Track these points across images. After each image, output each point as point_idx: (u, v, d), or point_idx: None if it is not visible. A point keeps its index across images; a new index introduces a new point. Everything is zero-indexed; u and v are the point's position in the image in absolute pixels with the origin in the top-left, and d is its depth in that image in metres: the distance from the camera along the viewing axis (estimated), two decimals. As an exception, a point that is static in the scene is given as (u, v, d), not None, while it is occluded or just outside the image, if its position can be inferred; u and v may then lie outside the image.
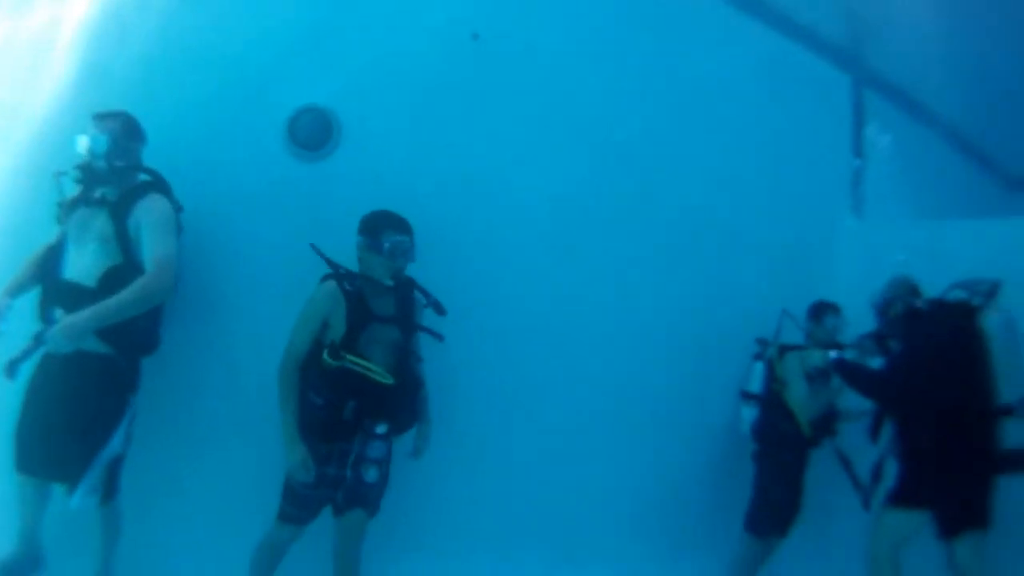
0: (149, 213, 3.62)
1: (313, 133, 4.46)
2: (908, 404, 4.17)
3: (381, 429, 3.83)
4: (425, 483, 4.64)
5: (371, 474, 3.84)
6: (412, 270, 4.05)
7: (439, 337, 4.02)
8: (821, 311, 5.25)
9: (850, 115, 6.59)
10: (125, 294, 3.43)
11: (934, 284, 4.59)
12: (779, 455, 5.14)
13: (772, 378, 5.19)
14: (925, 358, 4.10)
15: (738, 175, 5.60)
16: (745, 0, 5.90)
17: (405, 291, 3.98)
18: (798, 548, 5.34)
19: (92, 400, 3.58)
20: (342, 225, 3.99)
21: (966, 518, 4.06)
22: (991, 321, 4.04)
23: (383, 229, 3.86)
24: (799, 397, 5.03)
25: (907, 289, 4.55)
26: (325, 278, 3.83)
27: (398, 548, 4.55)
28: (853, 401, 4.98)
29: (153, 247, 3.55)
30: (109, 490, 3.73)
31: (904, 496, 4.20)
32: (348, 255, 3.94)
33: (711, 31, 5.71)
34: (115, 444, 3.63)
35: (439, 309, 3.97)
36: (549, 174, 4.91)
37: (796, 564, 5.43)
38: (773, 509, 5.14)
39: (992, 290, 4.17)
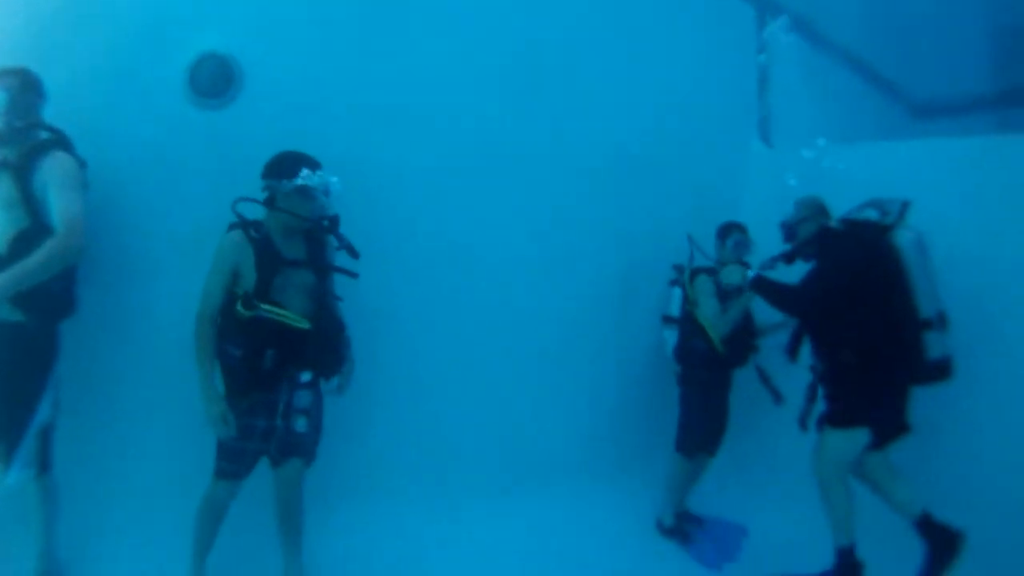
0: (54, 172, 3.49)
1: (214, 80, 4.34)
2: (830, 320, 4.24)
3: (306, 377, 3.80)
4: (363, 425, 4.68)
5: (300, 424, 3.81)
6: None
7: (353, 275, 3.93)
8: (726, 231, 5.36)
9: (755, 45, 6.66)
10: (36, 257, 3.33)
11: (840, 207, 4.67)
12: (698, 374, 5.29)
13: (686, 300, 5.33)
14: (845, 274, 4.15)
15: (648, 106, 5.65)
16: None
17: (315, 233, 3.90)
18: (745, 469, 5.66)
19: (12, 370, 3.50)
20: (249, 172, 3.88)
21: (895, 429, 4.26)
22: (903, 239, 4.13)
23: (300, 168, 3.76)
24: (709, 315, 5.15)
25: (816, 209, 4.61)
26: (231, 227, 3.73)
27: (342, 493, 4.60)
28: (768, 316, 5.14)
29: (61, 207, 3.42)
30: (43, 462, 3.65)
31: (841, 418, 4.29)
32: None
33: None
34: (43, 413, 3.56)
35: (352, 252, 3.88)
36: (461, 109, 4.88)
37: (745, 485, 5.73)
38: (697, 429, 5.29)
39: (903, 209, 4.25)
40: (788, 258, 4.71)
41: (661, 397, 5.54)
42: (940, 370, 4.09)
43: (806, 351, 4.57)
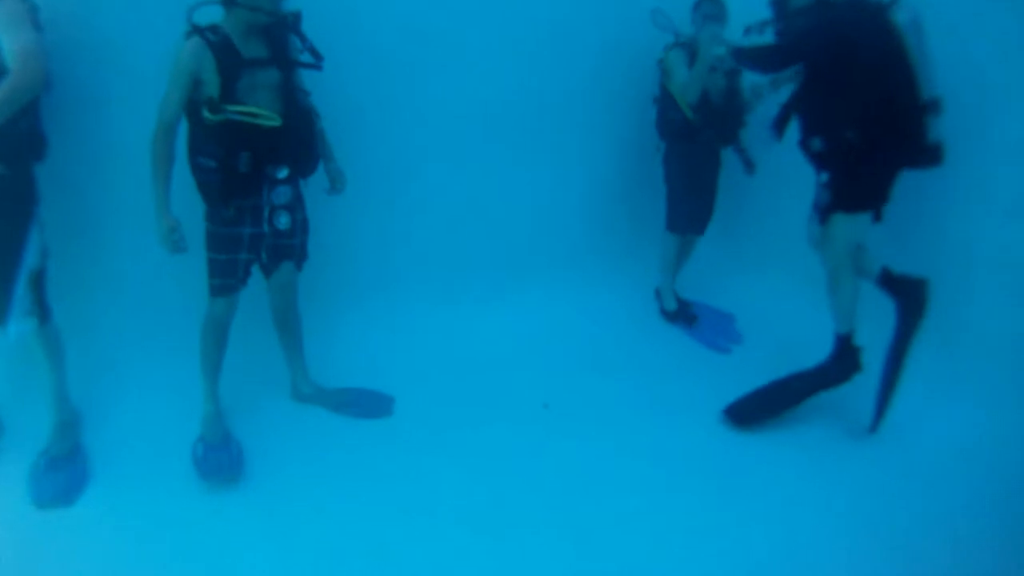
0: None
1: None
2: (830, 95, 4.06)
3: (282, 173, 3.72)
4: (357, 223, 4.75)
5: (282, 221, 3.80)
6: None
7: (318, 68, 3.75)
8: (697, 4, 5.19)
9: None
10: None
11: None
12: (675, 147, 5.32)
13: (662, 74, 5.27)
14: (844, 43, 3.94)
15: None
16: None
17: (276, 30, 3.70)
18: (738, 254, 5.87)
19: None
20: None
21: (884, 203, 4.21)
22: (901, 17, 3.91)
23: None
24: (679, 84, 5.10)
25: None
26: (188, 35, 3.50)
27: (341, 293, 4.76)
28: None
29: (10, 45, 3.21)
30: (42, 311, 3.61)
31: (850, 203, 4.19)
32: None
33: None
34: (31, 259, 3.50)
35: (315, 54, 3.71)
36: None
37: (739, 271, 5.92)
38: (681, 205, 5.39)
39: None
40: (776, 26, 4.44)
41: (654, 179, 5.57)
42: (935, 155, 4.01)
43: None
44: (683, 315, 5.48)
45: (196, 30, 3.50)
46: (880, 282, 4.21)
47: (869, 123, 3.95)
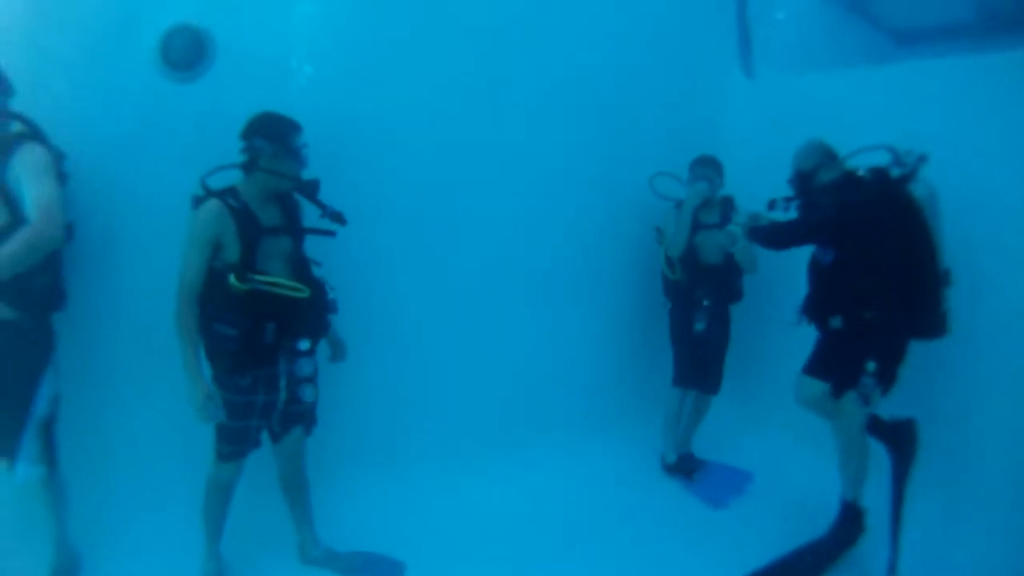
0: (25, 163, 3.34)
1: (187, 53, 4.22)
2: (853, 275, 4.13)
3: (304, 345, 3.73)
4: (360, 390, 4.72)
5: (308, 393, 3.80)
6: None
7: (332, 234, 3.84)
8: (691, 167, 5.38)
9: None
10: (11, 246, 3.20)
11: (823, 131, 4.58)
12: (673, 305, 5.45)
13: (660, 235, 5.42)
14: (870, 222, 4.03)
15: (626, 40, 5.65)
16: None
17: (288, 198, 3.80)
18: (755, 414, 5.85)
19: (10, 368, 3.46)
20: (227, 145, 3.77)
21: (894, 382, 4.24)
22: (920, 192, 4.07)
23: (289, 131, 3.67)
24: (667, 239, 5.28)
25: (828, 154, 4.43)
26: (202, 199, 3.55)
27: (346, 459, 4.70)
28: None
29: (34, 196, 3.28)
30: (50, 458, 3.63)
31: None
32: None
33: None
34: (42, 405, 3.54)
35: (339, 219, 3.78)
36: (431, 59, 4.84)
37: (754, 429, 5.88)
38: (679, 360, 5.43)
39: (919, 162, 4.12)
40: (800, 203, 4.52)
41: (660, 338, 5.61)
42: (944, 325, 4.12)
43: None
44: (682, 468, 5.40)
45: (214, 194, 3.54)
46: (869, 430, 4.22)
47: (891, 302, 4.01)
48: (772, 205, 4.47)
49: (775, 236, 4.36)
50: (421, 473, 4.94)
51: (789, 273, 4.73)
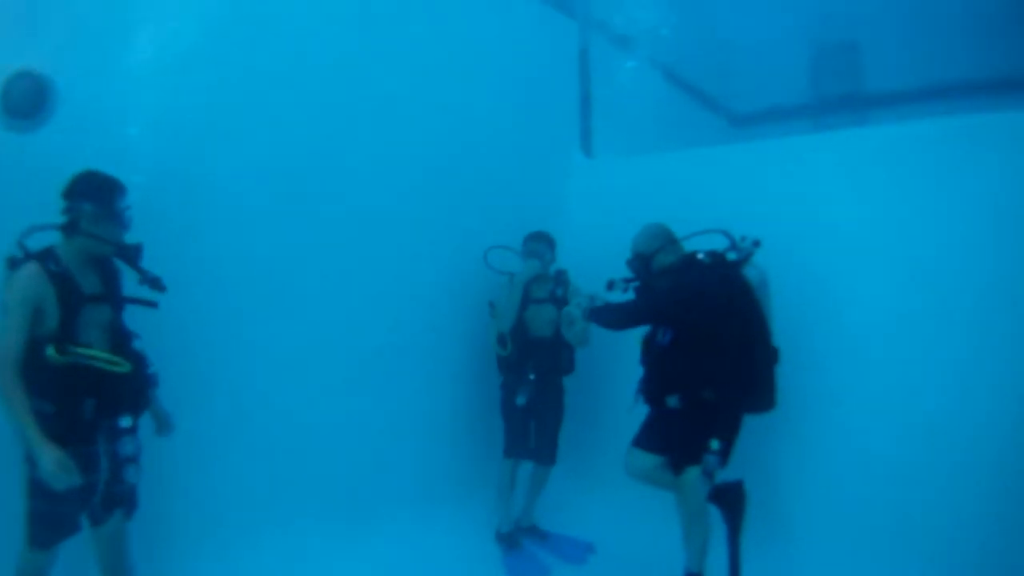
0: None
1: (27, 100, 3.86)
2: (690, 356, 4.19)
3: (126, 422, 3.44)
4: (189, 466, 4.40)
5: (131, 473, 3.49)
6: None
7: (153, 305, 3.58)
8: (530, 239, 5.45)
9: (577, 59, 6.74)
10: None
11: (663, 211, 4.66)
12: (506, 377, 5.45)
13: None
14: (708, 306, 4.10)
15: (471, 119, 5.68)
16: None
17: (106, 263, 3.53)
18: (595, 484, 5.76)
19: None
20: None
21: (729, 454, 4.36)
22: (752, 275, 4.23)
23: (113, 193, 3.41)
24: (497, 313, 5.36)
25: (669, 238, 4.46)
26: (19, 261, 3.24)
27: (174, 539, 4.32)
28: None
29: None
30: None
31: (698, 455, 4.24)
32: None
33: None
34: None
35: (157, 285, 3.50)
36: (279, 123, 4.70)
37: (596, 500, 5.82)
38: (511, 431, 5.42)
39: (754, 246, 4.27)
40: (638, 285, 4.59)
41: (496, 411, 5.59)
42: (773, 399, 4.29)
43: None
44: (509, 539, 5.36)
45: (33, 256, 3.26)
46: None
47: (728, 380, 4.12)
48: (611, 286, 4.53)
49: (614, 317, 4.41)
50: (257, 548, 4.63)
51: (624, 345, 4.80)
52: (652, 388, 4.41)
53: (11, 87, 3.83)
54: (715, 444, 4.09)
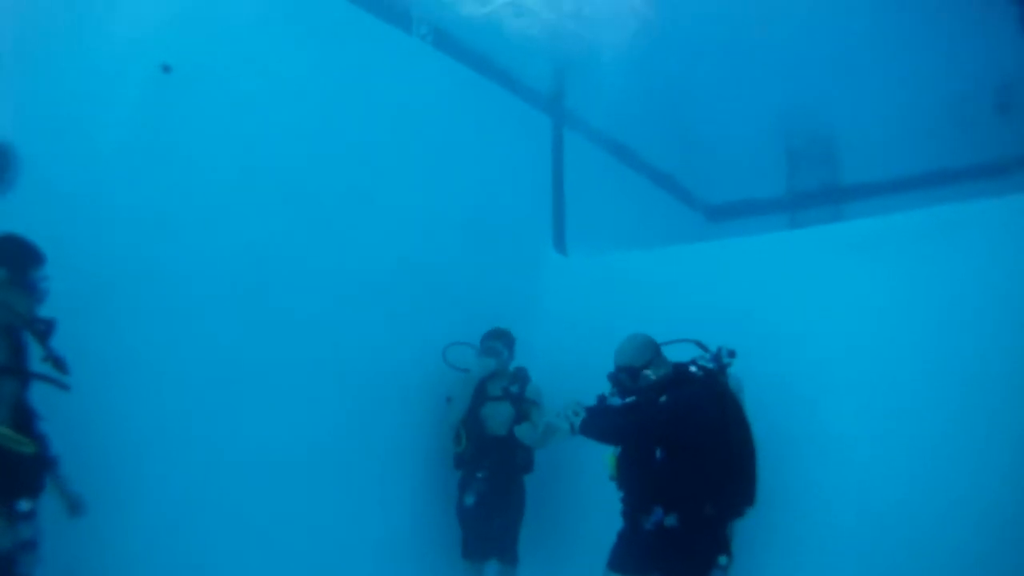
0: None
1: None
2: (689, 470, 4.04)
3: (25, 506, 3.26)
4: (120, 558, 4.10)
5: (25, 565, 3.29)
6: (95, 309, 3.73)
7: (65, 387, 3.37)
8: (488, 337, 5.42)
9: (551, 154, 6.70)
10: None
11: (637, 310, 4.58)
12: (463, 475, 5.35)
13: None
14: (703, 421, 4.02)
15: (442, 216, 5.65)
16: (446, 41, 6.00)
17: (16, 335, 3.33)
18: None
19: None
20: None
21: None
22: (733, 383, 4.24)
23: (32, 263, 3.31)
24: (451, 408, 5.33)
25: (656, 350, 4.36)
26: None
27: None
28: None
29: None
30: None
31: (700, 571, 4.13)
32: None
33: (411, 73, 5.70)
34: None
35: (60, 367, 3.31)
36: (239, 214, 4.61)
37: None
38: (467, 530, 5.31)
39: (731, 356, 4.25)
40: (633, 401, 4.37)
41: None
42: (754, 498, 4.23)
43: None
44: None
45: None
46: None
47: (725, 493, 4.05)
48: (602, 400, 4.37)
49: (612, 433, 4.23)
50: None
51: (585, 445, 4.52)
52: (642, 506, 4.20)
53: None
54: (723, 560, 4.03)
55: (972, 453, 4.32)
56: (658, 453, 4.13)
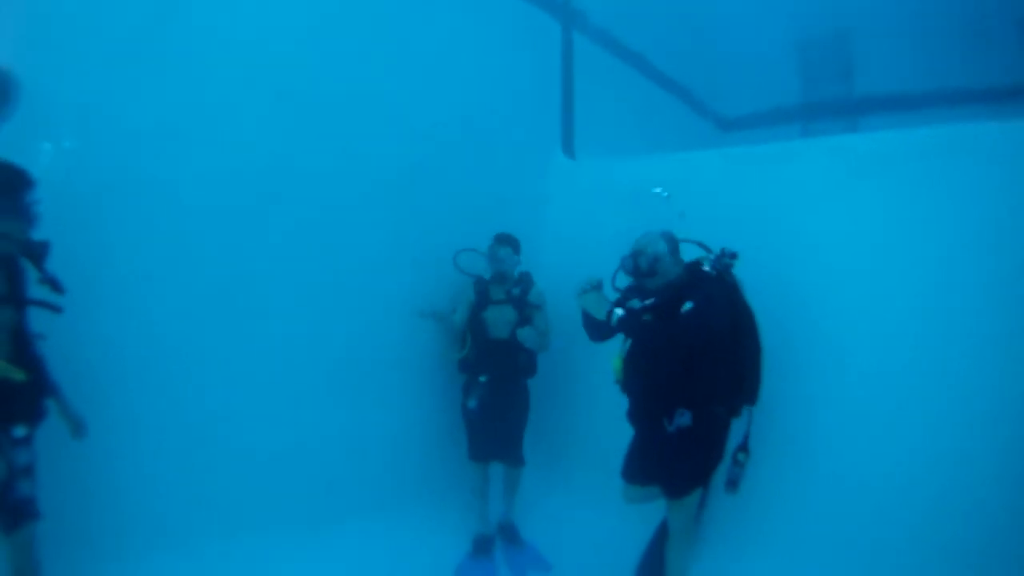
0: None
1: None
2: (712, 368, 4.01)
3: (20, 432, 3.34)
4: (147, 470, 4.32)
5: (24, 487, 3.38)
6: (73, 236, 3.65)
7: (57, 310, 3.44)
8: (496, 242, 5.40)
9: (560, 58, 6.61)
10: None
11: (644, 215, 4.54)
12: (466, 379, 5.43)
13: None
14: (727, 318, 3.99)
15: (449, 119, 5.58)
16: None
17: (11, 263, 3.38)
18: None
19: None
20: None
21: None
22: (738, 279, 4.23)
23: (22, 187, 3.28)
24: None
25: (676, 244, 4.29)
26: None
27: (124, 541, 4.22)
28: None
29: None
30: None
31: (709, 474, 4.21)
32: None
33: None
34: None
35: (56, 287, 3.41)
36: (241, 124, 4.59)
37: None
38: (471, 434, 5.40)
39: (732, 259, 4.18)
40: (646, 294, 4.30)
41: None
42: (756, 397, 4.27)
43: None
44: (480, 543, 5.32)
45: None
46: None
47: (734, 392, 4.10)
48: (624, 301, 4.26)
49: (645, 333, 4.13)
50: (217, 552, 4.50)
51: (590, 348, 4.64)
52: (665, 409, 4.14)
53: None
54: (742, 456, 4.17)
55: (972, 375, 4.24)
56: (675, 352, 4.10)
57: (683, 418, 4.05)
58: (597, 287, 4.29)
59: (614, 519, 4.97)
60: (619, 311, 4.09)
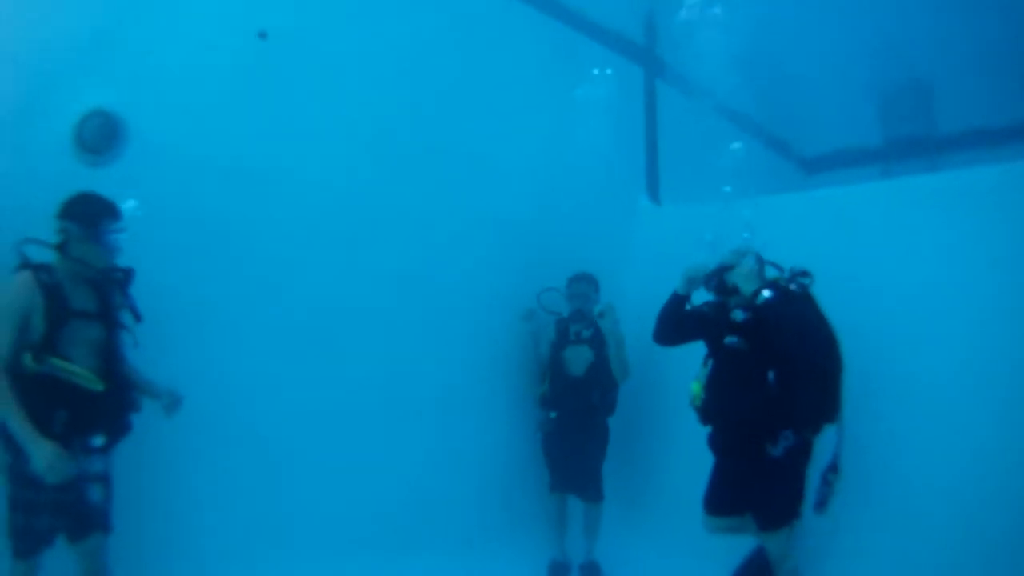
0: None
1: (100, 137, 4.08)
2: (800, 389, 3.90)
3: (98, 442, 3.43)
4: (223, 488, 4.48)
5: (95, 493, 3.47)
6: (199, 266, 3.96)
7: (130, 334, 3.62)
8: (573, 281, 5.53)
9: (643, 104, 6.80)
10: None
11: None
12: (545, 415, 5.56)
13: None
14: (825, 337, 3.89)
15: (537, 167, 5.82)
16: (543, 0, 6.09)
17: (106, 285, 3.56)
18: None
19: None
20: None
21: None
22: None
23: (102, 218, 3.46)
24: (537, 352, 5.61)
25: (761, 264, 4.30)
26: (19, 268, 3.32)
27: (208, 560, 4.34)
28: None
29: None
30: None
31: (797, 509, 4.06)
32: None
33: (509, 30, 5.88)
34: None
35: (135, 313, 3.58)
36: (340, 174, 4.86)
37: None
38: (552, 467, 5.55)
39: (806, 274, 4.08)
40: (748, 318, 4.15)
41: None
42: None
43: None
44: (554, 570, 5.42)
45: (29, 265, 3.35)
46: None
47: (821, 415, 3.93)
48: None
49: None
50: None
51: (672, 386, 4.79)
52: (754, 433, 3.99)
53: (85, 124, 4.03)
54: (831, 476, 3.92)
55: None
56: (770, 375, 3.98)
57: (788, 441, 3.89)
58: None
59: (691, 559, 4.96)
60: (767, 292, 3.92)
